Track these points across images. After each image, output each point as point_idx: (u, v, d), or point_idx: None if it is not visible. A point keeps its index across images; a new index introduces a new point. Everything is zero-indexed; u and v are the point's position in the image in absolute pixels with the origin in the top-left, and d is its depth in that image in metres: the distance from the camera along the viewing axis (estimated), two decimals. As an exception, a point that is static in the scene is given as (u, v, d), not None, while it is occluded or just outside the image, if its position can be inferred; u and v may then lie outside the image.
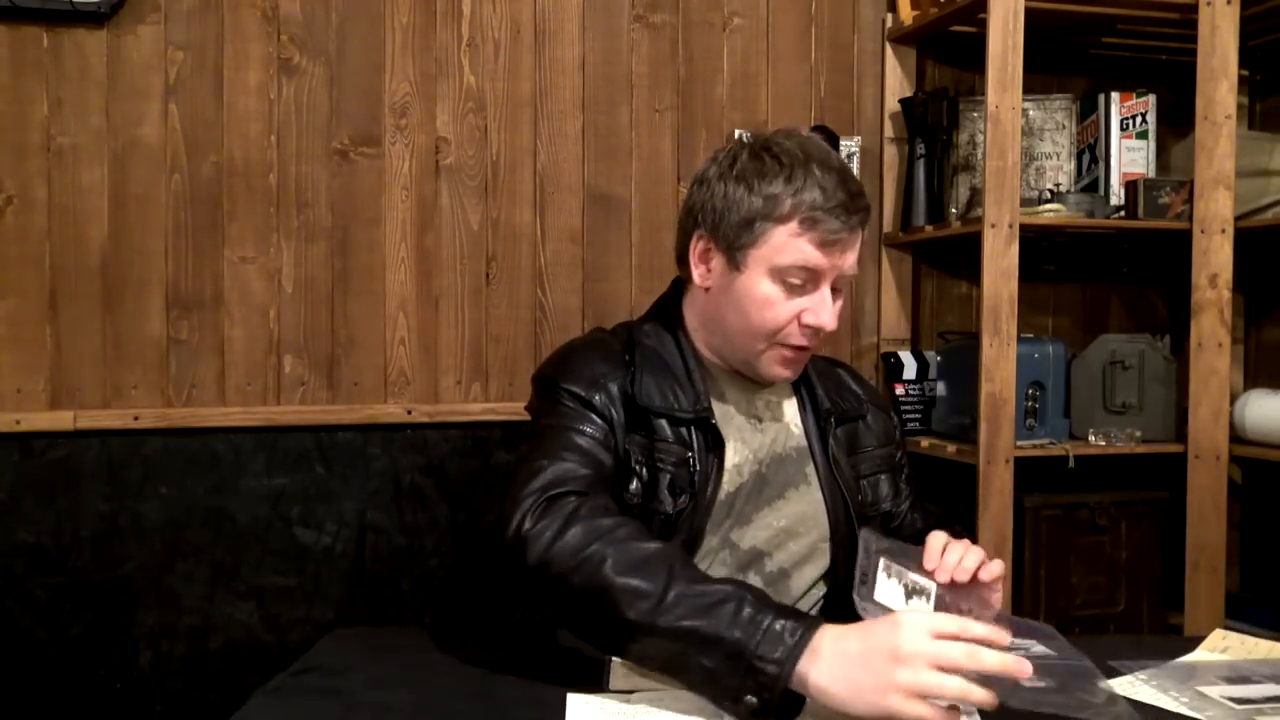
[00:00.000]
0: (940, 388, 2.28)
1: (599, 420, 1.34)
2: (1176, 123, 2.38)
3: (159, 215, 2.05)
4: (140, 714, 2.01)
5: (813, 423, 1.46)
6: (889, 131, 2.36)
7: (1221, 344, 2.13)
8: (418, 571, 2.12)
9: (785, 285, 1.33)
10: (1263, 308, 2.51)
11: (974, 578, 1.18)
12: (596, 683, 1.11)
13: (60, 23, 1.99)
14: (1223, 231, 2.12)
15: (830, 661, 0.98)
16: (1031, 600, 2.16)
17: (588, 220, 2.22)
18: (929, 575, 1.16)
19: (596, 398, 1.35)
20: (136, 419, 2.01)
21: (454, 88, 2.17)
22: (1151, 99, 2.31)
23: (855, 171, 2.30)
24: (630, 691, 1.08)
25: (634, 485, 1.34)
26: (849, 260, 1.34)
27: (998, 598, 1.24)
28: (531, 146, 2.20)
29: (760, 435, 1.43)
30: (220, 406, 2.06)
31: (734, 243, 1.35)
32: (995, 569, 1.21)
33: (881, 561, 1.13)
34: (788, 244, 1.31)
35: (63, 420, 1.99)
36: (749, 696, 0.99)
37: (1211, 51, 2.11)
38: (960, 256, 2.41)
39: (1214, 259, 2.12)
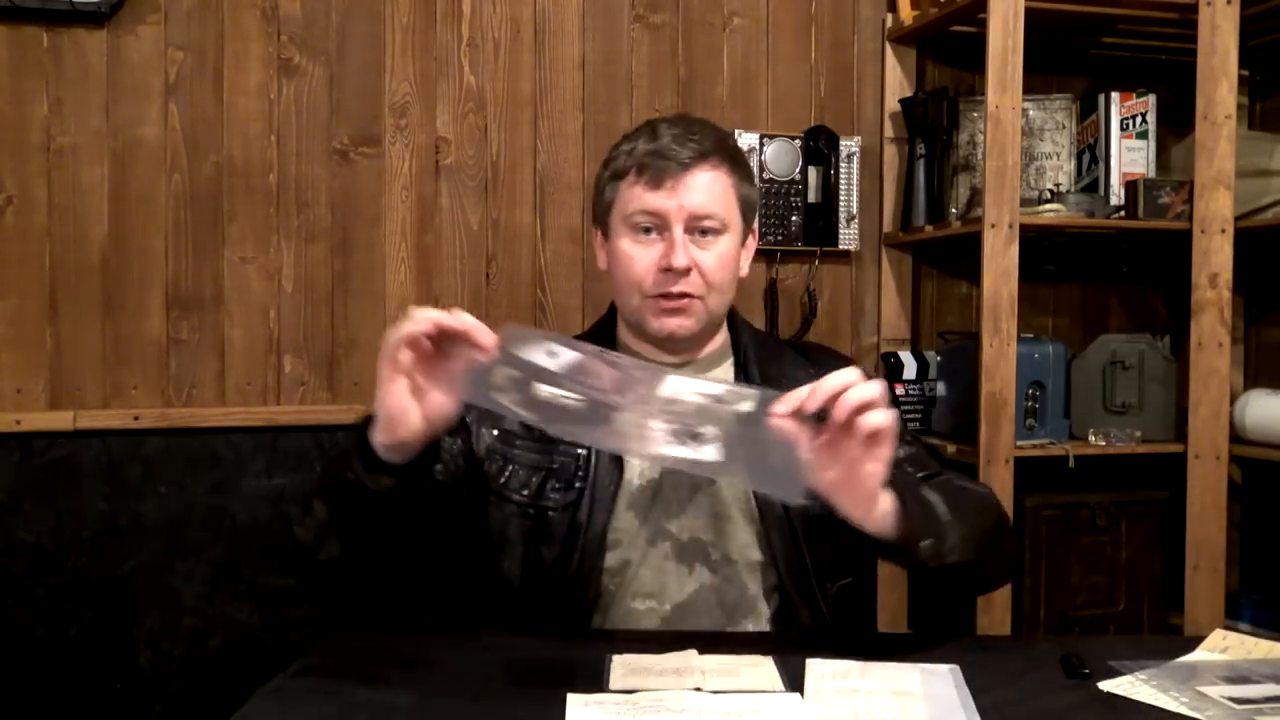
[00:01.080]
0: (940, 388, 2.28)
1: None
2: (1176, 123, 2.38)
3: (159, 215, 2.05)
4: (140, 714, 2.01)
5: None
6: (889, 131, 2.36)
7: (1221, 344, 2.12)
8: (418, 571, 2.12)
9: (638, 235, 1.37)
10: (1263, 308, 2.51)
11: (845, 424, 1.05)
12: (596, 683, 1.11)
13: (60, 23, 1.99)
14: (1223, 231, 2.12)
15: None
16: (1032, 600, 2.16)
17: (588, 220, 2.22)
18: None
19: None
20: (136, 419, 2.01)
21: (454, 88, 2.17)
22: (1151, 99, 2.31)
23: (855, 171, 2.30)
24: (630, 691, 1.08)
25: (523, 491, 1.37)
26: (692, 199, 1.34)
27: (876, 469, 1.08)
28: (531, 146, 2.20)
29: None
30: (220, 406, 2.06)
31: (601, 216, 1.42)
32: (873, 420, 1.05)
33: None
34: (629, 194, 1.37)
35: (63, 420, 1.99)
36: (353, 476, 1.17)
37: (1211, 51, 2.11)
38: (960, 256, 2.41)
39: (1214, 259, 2.12)
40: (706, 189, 1.36)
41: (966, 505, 1.27)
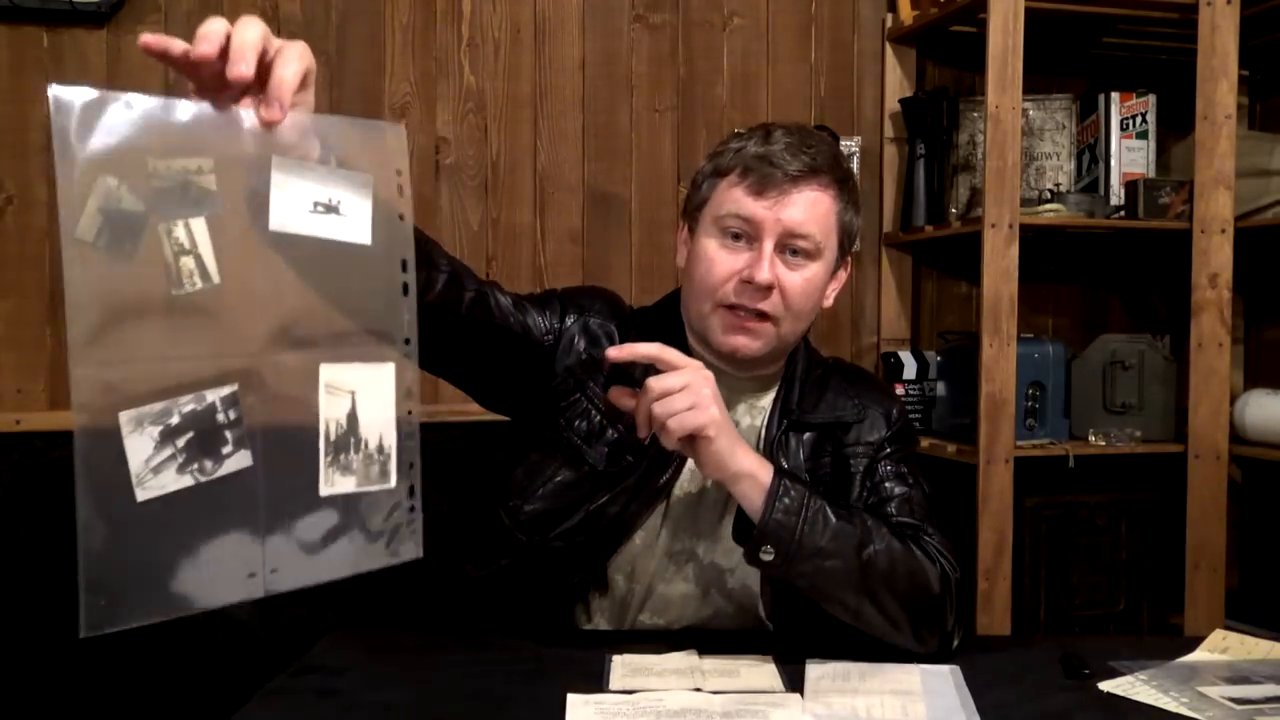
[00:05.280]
0: (940, 388, 2.28)
1: (553, 320, 1.35)
2: (1176, 123, 2.38)
3: (159, 215, 2.05)
4: (141, 714, 2.01)
5: (776, 430, 1.36)
6: (889, 131, 2.36)
7: (1221, 344, 2.13)
8: (418, 571, 2.12)
9: (726, 239, 1.29)
10: (1263, 308, 2.51)
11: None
12: (596, 683, 1.11)
13: (60, 23, 1.99)
14: (1223, 231, 2.12)
15: None
16: (1032, 600, 2.16)
17: (588, 220, 2.22)
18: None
19: (569, 318, 1.36)
20: (136, 419, 2.01)
21: (454, 88, 2.17)
22: (1151, 99, 2.31)
23: (855, 171, 2.30)
24: (630, 691, 1.08)
25: (580, 424, 1.32)
26: (790, 214, 1.27)
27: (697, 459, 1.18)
28: (531, 146, 2.20)
29: None
30: (220, 406, 2.06)
31: (693, 209, 1.35)
32: (676, 428, 1.14)
33: None
34: (727, 194, 1.30)
35: (63, 420, 1.98)
36: None
37: (1211, 51, 2.11)
38: (960, 256, 2.41)
39: (1214, 259, 2.12)
40: (808, 207, 1.28)
41: (884, 558, 1.19)
